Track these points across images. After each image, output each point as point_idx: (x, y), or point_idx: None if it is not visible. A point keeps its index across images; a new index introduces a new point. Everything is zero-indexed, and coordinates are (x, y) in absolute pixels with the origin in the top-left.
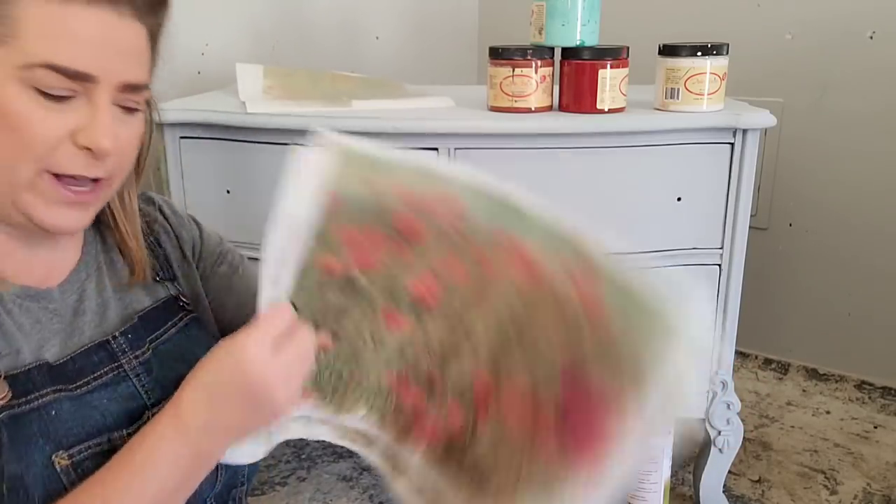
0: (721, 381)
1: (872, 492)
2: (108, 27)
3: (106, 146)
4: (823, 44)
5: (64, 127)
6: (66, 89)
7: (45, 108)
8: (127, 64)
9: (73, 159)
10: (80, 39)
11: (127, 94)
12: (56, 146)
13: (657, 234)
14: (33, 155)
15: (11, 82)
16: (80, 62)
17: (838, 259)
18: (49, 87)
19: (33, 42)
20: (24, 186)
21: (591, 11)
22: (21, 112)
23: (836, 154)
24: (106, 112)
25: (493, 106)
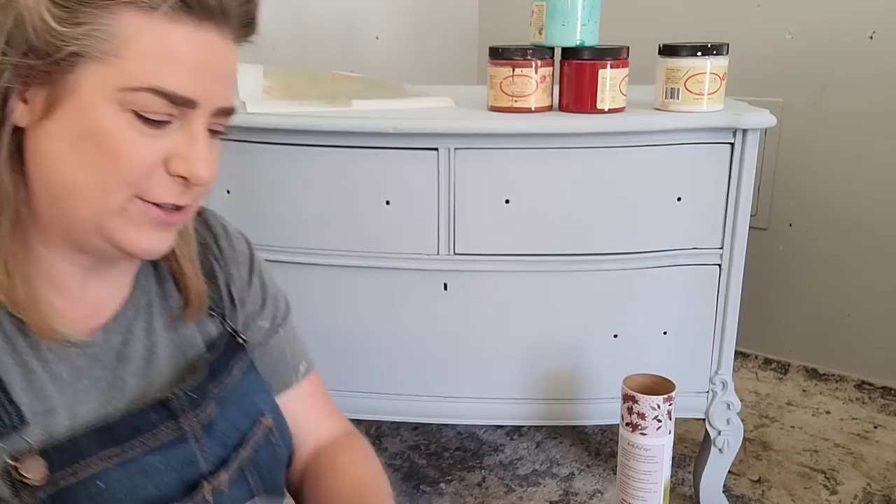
0: (721, 381)
1: (872, 492)
2: (214, 50)
3: (204, 176)
4: (823, 44)
5: (159, 153)
6: (165, 114)
7: (141, 133)
8: (225, 88)
9: (165, 187)
10: (186, 63)
11: (219, 118)
12: (150, 173)
13: (657, 234)
14: (126, 182)
15: (109, 104)
16: (185, 87)
17: (838, 259)
18: (149, 112)
19: (137, 63)
20: (114, 212)
21: (591, 11)
22: (117, 136)
23: (836, 154)
24: (203, 139)
25: (493, 106)
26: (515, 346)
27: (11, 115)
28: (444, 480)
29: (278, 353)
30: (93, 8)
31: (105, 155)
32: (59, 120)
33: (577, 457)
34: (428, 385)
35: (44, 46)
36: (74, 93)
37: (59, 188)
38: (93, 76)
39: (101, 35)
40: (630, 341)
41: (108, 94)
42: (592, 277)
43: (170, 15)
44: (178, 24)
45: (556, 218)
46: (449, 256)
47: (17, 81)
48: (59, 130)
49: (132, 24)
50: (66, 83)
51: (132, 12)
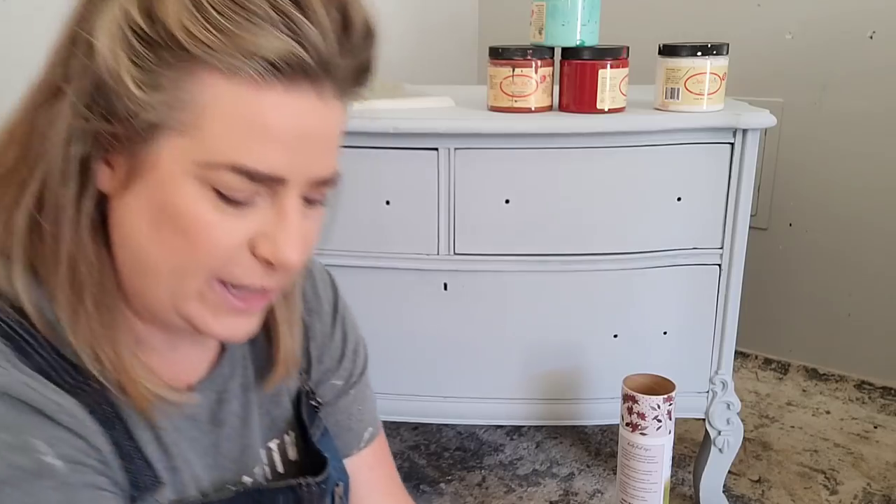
0: (721, 381)
1: (872, 492)
2: (308, 115)
3: (293, 261)
4: (823, 44)
5: (243, 234)
6: (249, 192)
7: (223, 213)
8: (322, 157)
9: (248, 270)
10: (274, 135)
11: (318, 187)
12: (231, 255)
13: (657, 234)
14: (206, 265)
15: (188, 179)
16: (272, 163)
17: (838, 259)
18: (231, 191)
19: (219, 137)
20: (192, 296)
21: (591, 11)
22: (197, 216)
23: (836, 154)
24: (293, 218)
25: (493, 106)
26: (515, 345)
27: (95, 181)
28: (444, 480)
29: (344, 417)
30: (172, 71)
31: (183, 236)
32: (138, 193)
33: (577, 457)
34: (428, 385)
35: (122, 111)
36: (154, 165)
37: (138, 265)
38: (172, 149)
39: (180, 104)
40: (630, 341)
41: (187, 168)
42: (592, 277)
43: (256, 79)
44: (265, 89)
45: (556, 218)
46: (449, 256)
47: (100, 147)
48: (138, 204)
49: (213, 90)
50: (145, 154)
51: (213, 76)
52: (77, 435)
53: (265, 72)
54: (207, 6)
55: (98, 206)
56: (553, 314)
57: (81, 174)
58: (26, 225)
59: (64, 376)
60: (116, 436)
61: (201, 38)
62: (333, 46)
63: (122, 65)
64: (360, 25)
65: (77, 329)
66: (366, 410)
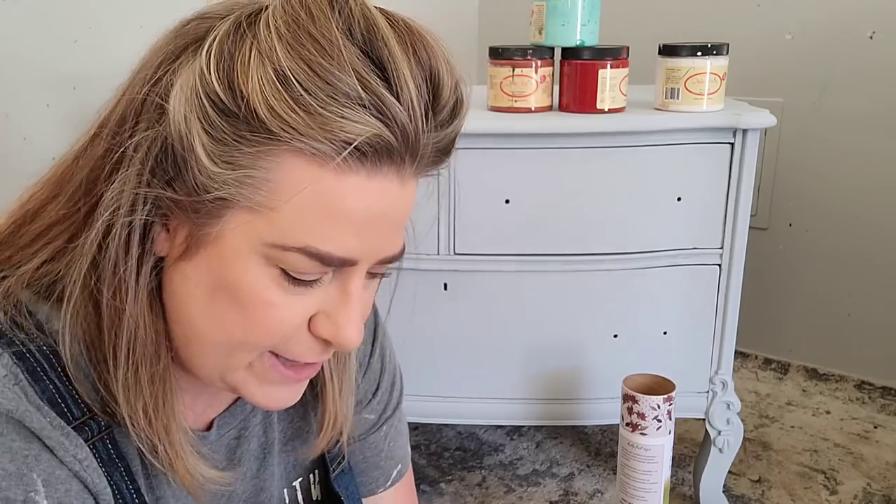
0: (721, 381)
1: (872, 492)
2: (386, 199)
3: (354, 342)
4: (823, 44)
5: (304, 314)
6: (318, 273)
7: (287, 293)
8: (394, 238)
9: (305, 348)
10: (352, 220)
11: (381, 265)
12: (290, 333)
13: (657, 234)
14: (262, 343)
15: (255, 257)
16: (347, 247)
17: (838, 259)
18: (300, 273)
19: (294, 219)
20: (241, 367)
21: (591, 11)
22: (260, 294)
23: (836, 154)
24: (358, 299)
25: (493, 106)
26: (515, 346)
27: (153, 247)
28: (444, 480)
29: (373, 453)
30: (250, 147)
31: (242, 313)
32: (198, 264)
33: (577, 457)
34: (428, 385)
35: (190, 182)
36: (217, 239)
37: (189, 334)
38: (240, 225)
39: (255, 182)
40: (630, 341)
41: (254, 247)
42: (592, 277)
43: (341, 166)
44: (349, 175)
45: (556, 218)
46: (449, 256)
47: (160, 213)
48: (196, 274)
49: (294, 173)
50: (208, 226)
51: (297, 160)
52: (76, 477)
53: (351, 157)
54: (294, 82)
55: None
56: (553, 314)
57: (143, 241)
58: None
59: (72, 408)
60: (117, 477)
61: (285, 117)
62: (420, 126)
63: (196, 134)
64: (450, 98)
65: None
66: (397, 447)
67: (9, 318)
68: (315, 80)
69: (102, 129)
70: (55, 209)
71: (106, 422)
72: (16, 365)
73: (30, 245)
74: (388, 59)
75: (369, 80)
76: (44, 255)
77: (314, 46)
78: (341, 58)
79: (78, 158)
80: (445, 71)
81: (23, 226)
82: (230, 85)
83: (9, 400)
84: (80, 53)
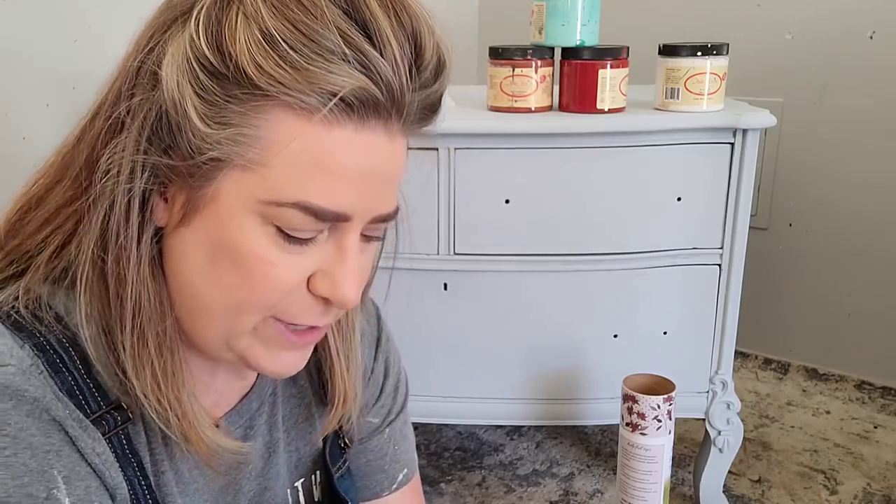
0: (721, 381)
1: (872, 492)
2: (375, 153)
3: (351, 298)
4: (823, 44)
5: (302, 273)
6: (313, 230)
7: (284, 251)
8: (386, 194)
9: (305, 308)
10: (342, 173)
11: (378, 223)
12: (289, 293)
13: (657, 234)
14: (263, 303)
15: (250, 216)
16: (339, 201)
17: (838, 259)
18: (295, 230)
19: (286, 174)
20: (246, 332)
21: (591, 11)
22: (257, 253)
23: (836, 154)
24: (354, 256)
25: (493, 106)
26: (515, 346)
27: (152, 216)
28: (444, 480)
29: (377, 456)
30: (240, 106)
31: (241, 274)
32: (196, 228)
33: (577, 457)
34: (428, 385)
35: (185, 146)
36: (213, 201)
37: (192, 302)
38: (234, 184)
39: (247, 140)
40: (630, 341)
41: (249, 205)
42: (592, 277)
43: (328, 117)
44: (336, 127)
45: (556, 218)
46: (449, 256)
47: (157, 181)
48: (194, 240)
49: (283, 128)
50: (204, 189)
51: (285, 114)
52: (95, 472)
53: (337, 109)
54: (279, 40)
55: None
56: (553, 314)
57: (143, 212)
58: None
59: (90, 401)
60: (130, 473)
61: (273, 73)
62: (405, 83)
63: (188, 98)
64: (433, 58)
65: (141, 373)
66: (402, 451)
67: (30, 312)
68: (300, 38)
69: (101, 108)
70: (61, 192)
71: (121, 416)
72: (36, 356)
73: (38, 231)
74: (371, 20)
75: (353, 37)
76: (55, 242)
77: (298, 7)
78: (325, 17)
79: (80, 140)
80: (427, 32)
81: (29, 212)
82: (219, 48)
83: (35, 388)
84: (80, 53)
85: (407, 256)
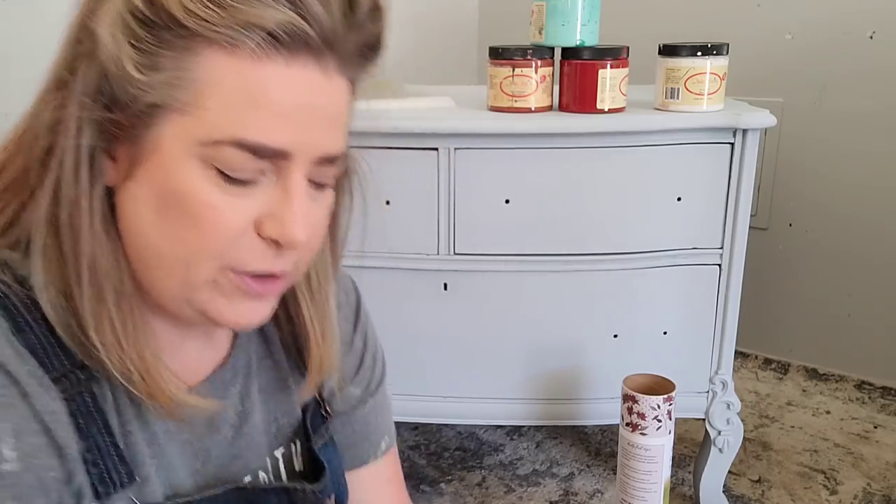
0: (721, 381)
1: (872, 492)
2: (310, 89)
3: (300, 239)
4: (823, 44)
5: (249, 215)
6: (253, 170)
7: (227, 193)
8: (327, 133)
9: (257, 254)
10: (276, 109)
11: (324, 167)
12: (237, 238)
13: (657, 234)
14: (213, 250)
15: (191, 160)
16: (275, 137)
17: (838, 259)
18: (234, 170)
19: (221, 112)
20: (203, 284)
21: (591, 11)
22: (201, 197)
23: (836, 154)
24: (300, 195)
25: (493, 106)
26: (515, 346)
27: (102, 175)
28: (444, 480)
29: (361, 426)
30: (172, 50)
31: (188, 221)
32: (141, 181)
33: (577, 457)
34: (428, 385)
35: (124, 97)
36: (156, 150)
37: (147, 256)
38: (173, 130)
39: (181, 82)
40: (630, 341)
41: (189, 149)
42: (592, 277)
43: (256, 51)
44: (265, 62)
45: (556, 218)
46: (449, 256)
47: (103, 138)
48: (142, 193)
49: (213, 66)
50: (147, 139)
51: (213, 52)
52: (46, 430)
53: (265, 43)
54: None
55: (108, 201)
56: (553, 314)
57: (91, 168)
58: (45, 224)
59: (53, 360)
60: (92, 430)
61: (200, 13)
62: (337, 20)
63: (123, 50)
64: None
65: (101, 331)
66: (383, 420)
67: None
68: None
69: (50, 73)
70: (18, 163)
71: (85, 376)
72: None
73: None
74: None
75: None
76: (11, 209)
77: None
78: None
79: (34, 111)
80: None
81: None
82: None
83: None
84: None
85: (407, 256)
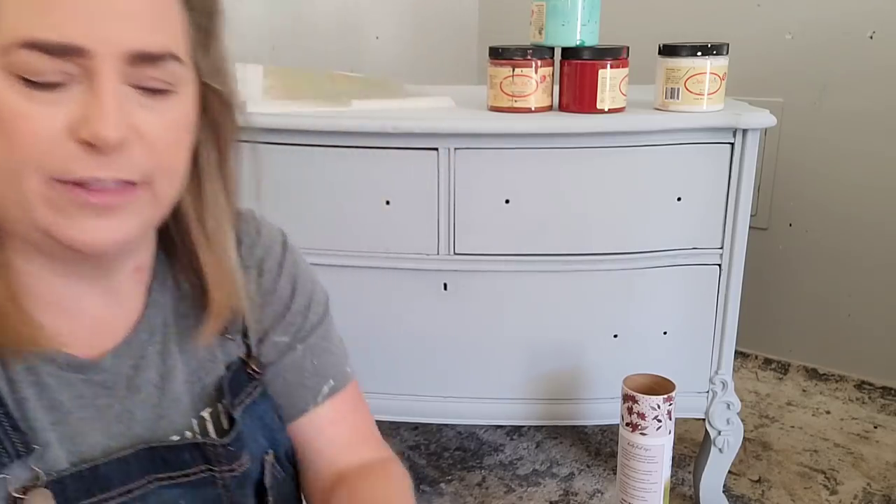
0: (721, 381)
1: (872, 492)
2: None
3: (109, 136)
4: (823, 44)
5: (60, 121)
6: (55, 72)
7: (33, 101)
8: (132, 26)
9: (78, 160)
10: (67, 3)
11: (143, 67)
12: (53, 146)
13: (657, 234)
14: (28, 159)
15: None
16: (66, 32)
17: (838, 259)
18: (35, 73)
19: (13, 17)
20: (36, 201)
21: (591, 11)
22: (9, 108)
23: (836, 154)
24: (108, 93)
25: (493, 106)
26: (515, 345)
27: None
28: (444, 480)
29: (295, 374)
30: None
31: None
32: None
33: (577, 457)
34: (428, 385)
35: None
36: None
37: None
38: None
39: None
40: (630, 341)
41: None
42: (592, 277)
43: None
44: None
45: (556, 218)
46: (449, 256)
47: None
48: None
49: None
50: None
51: None
52: None
53: None
54: None
55: None
56: (553, 314)
57: None
58: None
59: None
60: None
61: None
62: None
63: None
64: None
65: None
66: (323, 365)
67: None
68: None
69: None
70: None
71: None
72: None
73: None
74: None
75: None
76: None
77: None
78: None
79: None
80: None
81: None
82: None
83: None
84: None
85: (407, 256)
